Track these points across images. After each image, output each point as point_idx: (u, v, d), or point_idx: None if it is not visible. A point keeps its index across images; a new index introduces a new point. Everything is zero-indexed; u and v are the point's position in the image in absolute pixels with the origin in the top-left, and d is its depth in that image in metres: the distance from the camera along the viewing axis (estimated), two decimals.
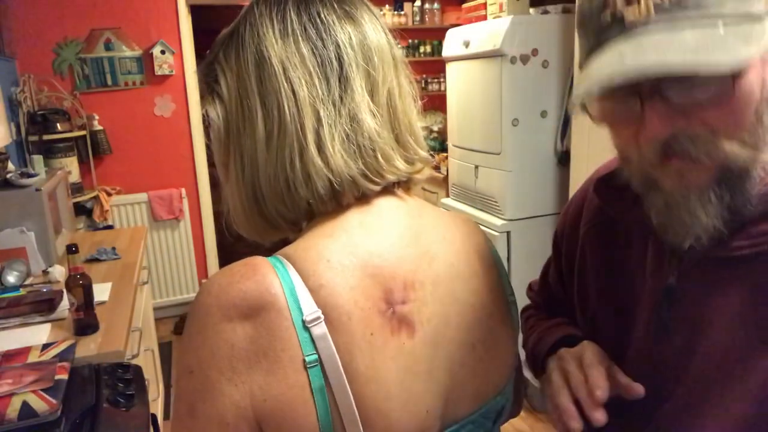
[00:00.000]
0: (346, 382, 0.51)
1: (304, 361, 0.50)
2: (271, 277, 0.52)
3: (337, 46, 0.58)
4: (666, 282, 0.63)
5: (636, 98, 0.54)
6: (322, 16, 0.59)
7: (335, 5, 0.60)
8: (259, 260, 0.54)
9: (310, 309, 0.51)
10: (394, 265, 0.56)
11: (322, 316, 0.51)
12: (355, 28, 0.59)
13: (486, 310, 0.63)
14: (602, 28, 0.55)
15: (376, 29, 0.61)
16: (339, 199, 0.58)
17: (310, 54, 0.57)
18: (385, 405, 0.52)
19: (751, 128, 0.54)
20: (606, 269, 0.73)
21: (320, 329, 0.51)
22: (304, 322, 0.51)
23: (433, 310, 0.58)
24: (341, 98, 0.57)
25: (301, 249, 0.56)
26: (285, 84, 0.57)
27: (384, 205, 0.60)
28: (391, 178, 0.59)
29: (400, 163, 0.60)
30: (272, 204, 0.59)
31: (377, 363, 0.52)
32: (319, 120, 0.56)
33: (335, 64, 0.58)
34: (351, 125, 0.57)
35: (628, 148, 0.60)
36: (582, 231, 0.77)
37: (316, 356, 0.51)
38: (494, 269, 0.68)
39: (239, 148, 0.60)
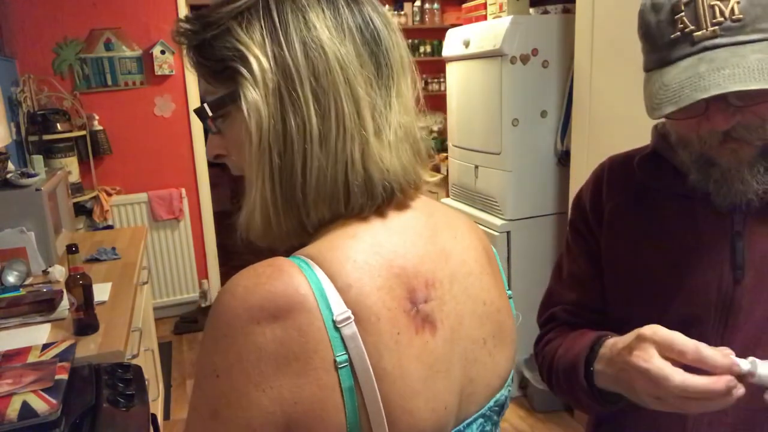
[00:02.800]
0: (374, 381, 0.51)
1: (335, 361, 0.50)
2: (299, 277, 0.51)
3: (387, 51, 0.59)
4: (732, 231, 0.77)
5: (702, 101, 0.67)
6: (374, 20, 0.58)
7: (378, 8, 0.60)
8: (283, 261, 0.53)
9: (339, 309, 0.51)
10: (416, 264, 0.57)
11: (352, 317, 0.51)
12: (396, 36, 0.61)
13: (494, 305, 0.65)
14: (672, 43, 0.70)
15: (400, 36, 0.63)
16: (388, 201, 0.59)
17: (368, 57, 0.57)
18: (410, 403, 0.53)
19: None
20: (642, 233, 0.85)
21: (350, 329, 0.51)
22: (334, 322, 0.50)
23: (450, 307, 0.59)
24: (391, 105, 0.59)
25: (326, 249, 0.55)
26: (344, 84, 0.55)
27: (399, 205, 0.61)
28: (421, 183, 0.62)
29: (422, 169, 0.62)
30: (314, 204, 0.56)
31: (404, 362, 0.53)
32: (377, 126, 0.57)
33: (385, 70, 0.59)
34: (398, 131, 0.59)
35: (690, 135, 0.74)
36: (607, 208, 0.89)
37: (346, 356, 0.50)
38: (495, 264, 0.70)
39: (281, 144, 0.55)
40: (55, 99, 3.29)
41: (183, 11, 3.50)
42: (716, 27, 0.66)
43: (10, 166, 2.38)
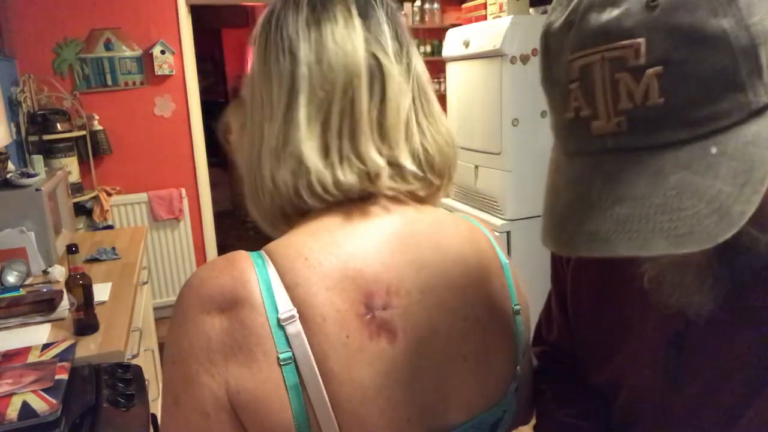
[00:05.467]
0: (320, 381, 0.51)
1: (278, 357, 0.51)
2: (249, 272, 0.53)
3: (343, 63, 0.59)
4: (674, 328, 0.57)
5: None
6: (296, 26, 0.59)
7: (315, 6, 0.60)
8: (240, 255, 0.55)
9: (285, 307, 0.52)
10: (377, 269, 0.55)
11: (297, 315, 0.51)
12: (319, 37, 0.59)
13: (481, 323, 0.61)
14: (567, 127, 0.45)
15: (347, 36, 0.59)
16: (346, 204, 0.58)
17: (330, 72, 0.59)
18: (361, 409, 0.52)
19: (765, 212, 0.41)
20: (600, 293, 0.67)
21: (294, 328, 0.51)
22: (278, 319, 0.51)
23: (419, 318, 0.56)
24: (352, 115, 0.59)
25: (282, 245, 0.56)
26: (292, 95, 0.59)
27: (374, 209, 0.59)
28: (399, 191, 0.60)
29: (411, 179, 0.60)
30: (269, 197, 0.61)
31: (352, 366, 0.52)
32: (322, 133, 0.59)
33: (347, 83, 0.58)
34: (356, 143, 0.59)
35: None
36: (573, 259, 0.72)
37: (290, 354, 0.51)
38: (497, 279, 0.65)
39: (248, 141, 0.64)
40: (55, 99, 3.29)
41: (183, 11, 3.50)
42: (621, 118, 0.40)
43: (10, 166, 2.39)
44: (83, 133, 3.29)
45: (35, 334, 1.56)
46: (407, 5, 4.25)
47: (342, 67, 0.58)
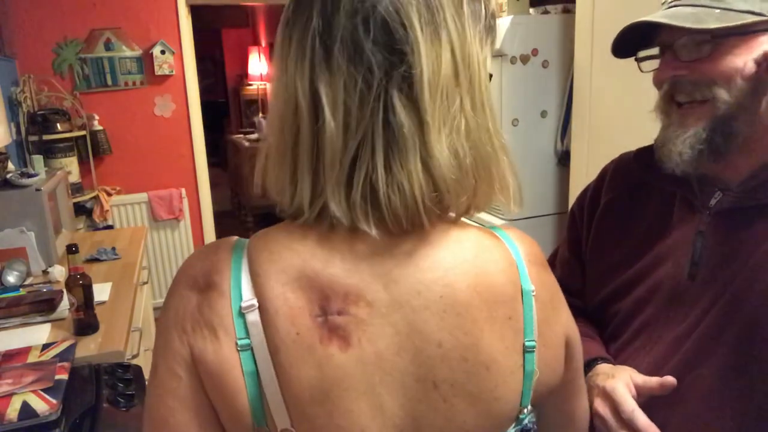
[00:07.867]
0: (273, 372, 0.53)
1: (237, 343, 0.53)
2: (226, 261, 0.57)
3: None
4: (697, 229, 0.81)
5: (660, 49, 0.81)
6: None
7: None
8: (225, 243, 0.59)
9: (247, 296, 0.54)
10: (336, 273, 0.54)
11: (257, 304, 0.54)
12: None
13: (458, 352, 0.56)
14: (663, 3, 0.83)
15: None
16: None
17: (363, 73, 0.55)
18: (310, 409, 0.53)
19: (737, 85, 0.74)
20: (626, 227, 0.91)
21: (254, 316, 0.54)
22: (240, 307, 0.54)
23: (381, 333, 0.55)
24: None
25: (261, 235, 0.59)
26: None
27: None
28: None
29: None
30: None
31: (301, 365, 0.53)
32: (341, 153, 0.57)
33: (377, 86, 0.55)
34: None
35: (656, 81, 0.83)
36: (603, 201, 0.96)
37: (248, 341, 0.53)
38: (499, 309, 0.59)
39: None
40: (55, 99, 3.29)
41: (183, 11, 3.50)
42: None
43: (10, 166, 2.39)
44: (83, 133, 3.29)
45: (35, 334, 1.57)
46: None
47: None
